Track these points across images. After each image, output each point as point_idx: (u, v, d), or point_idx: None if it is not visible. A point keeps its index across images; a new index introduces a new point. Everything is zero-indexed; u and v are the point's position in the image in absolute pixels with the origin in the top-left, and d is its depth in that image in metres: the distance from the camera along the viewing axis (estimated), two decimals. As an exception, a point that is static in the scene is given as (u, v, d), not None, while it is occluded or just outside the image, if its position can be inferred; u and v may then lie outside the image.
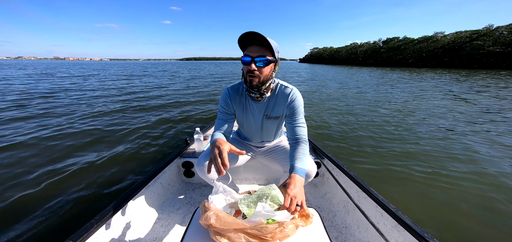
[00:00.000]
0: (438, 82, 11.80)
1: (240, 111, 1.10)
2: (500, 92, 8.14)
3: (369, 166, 2.47)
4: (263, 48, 0.88)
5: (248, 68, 0.89)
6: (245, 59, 0.90)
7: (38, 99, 6.13)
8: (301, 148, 0.96)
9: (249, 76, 0.91)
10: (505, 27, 44.70)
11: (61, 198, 1.85)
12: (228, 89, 1.09)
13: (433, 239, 0.81)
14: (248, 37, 0.86)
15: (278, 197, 0.74)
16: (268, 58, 0.89)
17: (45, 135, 3.30)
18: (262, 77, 0.92)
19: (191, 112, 5.07)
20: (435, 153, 2.80)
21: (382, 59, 67.23)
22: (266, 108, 1.07)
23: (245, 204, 0.73)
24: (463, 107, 5.55)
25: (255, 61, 0.88)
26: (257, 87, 0.94)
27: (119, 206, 1.07)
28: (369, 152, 2.84)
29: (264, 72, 0.91)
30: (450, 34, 55.96)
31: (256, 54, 0.87)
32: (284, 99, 1.03)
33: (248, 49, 0.89)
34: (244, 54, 0.91)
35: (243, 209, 0.72)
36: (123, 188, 2.04)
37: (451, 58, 48.78)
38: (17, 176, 2.18)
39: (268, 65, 0.90)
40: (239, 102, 1.08)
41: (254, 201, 0.74)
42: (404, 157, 2.68)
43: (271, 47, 0.87)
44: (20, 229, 1.51)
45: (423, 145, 3.08)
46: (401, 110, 5.21)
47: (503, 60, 39.65)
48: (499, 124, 4.13)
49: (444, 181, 2.17)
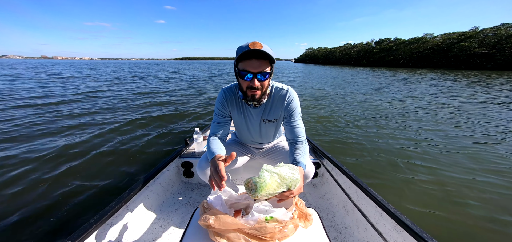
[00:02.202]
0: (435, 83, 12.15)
1: (237, 115, 1.08)
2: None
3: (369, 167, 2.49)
4: (263, 61, 0.84)
5: (249, 84, 0.86)
6: (243, 73, 0.85)
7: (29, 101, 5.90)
8: (301, 146, 0.97)
9: (250, 91, 0.89)
10: (489, 29, 46.68)
11: (60, 198, 1.83)
12: (223, 91, 1.05)
13: (432, 239, 0.82)
14: (249, 52, 0.81)
15: (295, 184, 0.73)
16: (269, 71, 0.87)
17: (41, 133, 3.24)
18: (264, 89, 0.91)
19: (191, 112, 5.04)
20: (435, 152, 2.87)
21: (374, 59, 68.69)
22: (263, 112, 1.05)
23: (267, 171, 0.71)
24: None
25: (257, 77, 0.85)
26: (258, 99, 0.92)
27: (118, 207, 1.06)
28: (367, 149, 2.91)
29: (265, 84, 0.90)
30: (439, 36, 57.73)
31: (257, 70, 0.84)
32: (280, 101, 1.02)
33: (247, 63, 0.83)
34: (242, 68, 0.84)
35: (262, 174, 0.69)
36: (122, 188, 2.02)
37: (440, 59, 50.43)
38: (17, 176, 2.15)
39: (269, 76, 0.90)
40: (236, 105, 1.06)
41: (276, 173, 0.71)
42: (402, 156, 2.75)
43: (270, 58, 0.85)
44: (19, 229, 1.50)
45: (423, 144, 3.17)
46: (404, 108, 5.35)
47: (488, 61, 41.36)
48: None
49: (444, 180, 2.20)
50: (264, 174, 0.69)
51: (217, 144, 0.96)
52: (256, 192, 0.68)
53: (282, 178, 0.70)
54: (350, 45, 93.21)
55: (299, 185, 0.75)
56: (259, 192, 0.67)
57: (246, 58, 0.83)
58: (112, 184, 2.07)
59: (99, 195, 1.91)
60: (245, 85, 0.89)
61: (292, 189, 0.73)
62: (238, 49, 0.85)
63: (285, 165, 0.75)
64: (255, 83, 0.85)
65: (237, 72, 0.89)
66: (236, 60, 0.87)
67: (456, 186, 2.10)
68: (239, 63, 0.86)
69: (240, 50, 0.83)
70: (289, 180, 0.71)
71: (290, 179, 0.71)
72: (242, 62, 0.85)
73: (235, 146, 1.25)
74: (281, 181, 0.70)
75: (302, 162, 0.88)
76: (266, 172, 0.70)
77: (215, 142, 0.98)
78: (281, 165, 0.75)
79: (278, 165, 0.74)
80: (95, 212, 1.00)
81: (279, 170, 0.71)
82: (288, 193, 0.73)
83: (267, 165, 0.73)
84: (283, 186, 0.70)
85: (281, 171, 0.71)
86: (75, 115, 4.46)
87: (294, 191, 0.74)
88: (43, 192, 1.92)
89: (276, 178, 0.70)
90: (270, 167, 0.72)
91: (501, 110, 5.32)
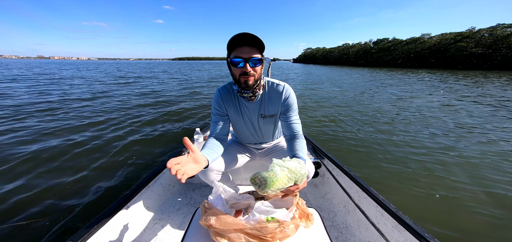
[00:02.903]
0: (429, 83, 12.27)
1: (234, 113, 1.08)
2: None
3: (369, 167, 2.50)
4: (254, 48, 0.88)
5: (242, 70, 0.89)
6: (236, 61, 0.88)
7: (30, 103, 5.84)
8: (299, 142, 0.97)
9: (243, 77, 0.90)
10: (486, 29, 47.18)
11: (60, 199, 1.83)
12: (219, 90, 1.07)
13: (434, 239, 0.82)
14: (239, 38, 0.85)
15: (303, 178, 0.75)
16: (260, 57, 0.90)
17: (42, 135, 3.22)
18: (257, 76, 0.93)
19: (191, 112, 5.05)
20: (433, 151, 2.89)
21: (373, 59, 69.07)
22: (260, 107, 1.06)
23: (278, 165, 0.71)
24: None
25: (249, 63, 0.87)
26: (252, 86, 0.94)
27: (119, 207, 1.06)
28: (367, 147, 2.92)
29: (258, 71, 0.92)
30: (436, 36, 58.20)
31: (248, 55, 0.87)
32: (278, 96, 1.03)
33: (238, 50, 0.87)
34: (234, 55, 0.88)
35: (273, 168, 0.70)
36: (123, 189, 2.02)
37: (437, 59, 50.85)
38: (17, 177, 2.14)
39: (261, 64, 0.92)
40: (232, 103, 1.07)
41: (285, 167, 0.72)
42: (401, 155, 2.77)
43: (260, 46, 0.88)
44: (19, 229, 1.50)
45: (421, 143, 3.20)
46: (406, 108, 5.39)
47: (484, 61, 41.81)
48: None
49: (443, 179, 2.22)
50: (276, 169, 0.69)
51: (211, 145, 0.97)
52: (266, 187, 0.67)
53: (292, 172, 0.71)
54: (349, 45, 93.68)
55: (304, 179, 0.76)
56: (269, 187, 0.66)
57: (237, 45, 0.87)
58: (112, 185, 2.06)
59: (100, 195, 1.90)
60: (238, 73, 0.90)
61: (299, 183, 0.74)
62: (229, 40, 0.87)
63: (292, 159, 0.77)
64: (247, 68, 0.87)
65: (230, 62, 0.91)
66: (228, 52, 0.91)
67: (457, 185, 2.11)
68: (231, 53, 0.89)
69: (230, 39, 0.86)
70: (298, 174, 0.72)
71: (299, 173, 0.72)
72: (234, 51, 0.88)
73: (235, 147, 1.24)
74: (291, 176, 0.71)
75: (302, 157, 0.89)
76: (277, 167, 0.70)
77: (210, 143, 0.98)
78: (287, 159, 0.76)
79: (285, 159, 0.75)
80: (96, 212, 1.00)
81: (289, 165, 0.72)
82: (294, 187, 0.74)
83: (276, 160, 0.73)
84: (292, 180, 0.71)
85: (291, 165, 0.73)
86: (75, 115, 4.43)
87: (299, 185, 0.75)
88: (44, 192, 1.92)
89: (286, 172, 0.70)
90: (279, 161, 0.73)
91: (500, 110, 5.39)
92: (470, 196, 1.94)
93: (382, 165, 2.50)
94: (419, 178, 2.23)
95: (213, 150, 0.94)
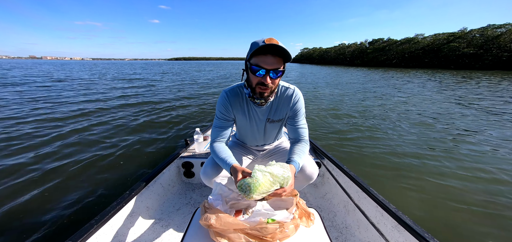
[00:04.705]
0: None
1: (242, 117, 1.03)
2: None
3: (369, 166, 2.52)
4: (278, 58, 0.81)
5: (261, 80, 0.82)
6: (256, 68, 0.80)
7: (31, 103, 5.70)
8: (301, 145, 0.97)
9: (260, 88, 0.85)
10: (477, 30, 48.26)
11: (60, 199, 1.82)
12: (226, 93, 0.98)
13: (434, 239, 0.82)
14: (265, 47, 0.77)
15: (287, 181, 0.76)
16: (282, 69, 0.83)
17: (41, 135, 3.19)
18: (274, 88, 0.88)
19: (191, 113, 5.01)
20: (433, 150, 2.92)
21: (368, 59, 69.86)
22: (269, 112, 1.02)
23: (260, 171, 0.73)
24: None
25: (270, 74, 0.81)
26: (267, 97, 0.90)
27: (119, 207, 1.06)
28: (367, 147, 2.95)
29: (276, 83, 0.86)
30: (430, 36, 59.22)
31: (272, 67, 0.80)
32: (287, 101, 0.99)
33: (261, 58, 0.79)
34: (255, 63, 0.80)
35: (255, 174, 0.72)
36: (123, 189, 1.99)
37: (431, 59, 51.76)
38: (16, 177, 2.11)
39: (282, 74, 0.85)
40: (241, 107, 1.00)
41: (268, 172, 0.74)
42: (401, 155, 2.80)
43: (286, 57, 0.81)
44: (20, 230, 1.49)
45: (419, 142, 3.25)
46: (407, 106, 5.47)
47: (476, 61, 42.77)
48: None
49: (442, 179, 2.23)
50: (257, 174, 0.72)
51: (226, 151, 0.95)
52: (250, 192, 0.70)
53: (274, 176, 0.73)
54: (345, 45, 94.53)
55: (290, 183, 0.77)
56: (253, 192, 0.70)
57: (261, 53, 0.79)
58: (113, 185, 2.05)
59: (100, 195, 1.89)
60: (256, 81, 0.85)
61: (285, 186, 0.76)
62: (253, 43, 0.81)
63: (276, 163, 0.79)
64: (267, 80, 0.81)
65: (249, 67, 0.84)
66: (249, 55, 0.82)
67: (457, 185, 2.12)
68: (252, 57, 0.82)
69: (255, 45, 0.78)
70: (281, 178, 0.74)
71: (282, 176, 0.75)
72: (256, 57, 0.81)
73: (237, 148, 1.23)
74: (274, 180, 0.73)
75: (296, 160, 0.89)
76: (258, 172, 0.72)
77: (223, 148, 0.96)
78: (272, 163, 0.78)
79: (269, 164, 0.78)
80: (96, 212, 0.99)
81: (271, 169, 0.75)
82: (281, 190, 0.75)
83: (258, 165, 0.76)
84: (276, 184, 0.74)
85: (273, 170, 0.75)
86: (74, 116, 4.37)
87: (286, 188, 0.76)
88: (44, 192, 1.90)
89: (268, 177, 0.72)
90: (261, 167, 0.75)
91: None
92: (470, 196, 1.96)
93: (378, 164, 2.53)
94: (419, 177, 2.24)
95: (232, 157, 0.93)
